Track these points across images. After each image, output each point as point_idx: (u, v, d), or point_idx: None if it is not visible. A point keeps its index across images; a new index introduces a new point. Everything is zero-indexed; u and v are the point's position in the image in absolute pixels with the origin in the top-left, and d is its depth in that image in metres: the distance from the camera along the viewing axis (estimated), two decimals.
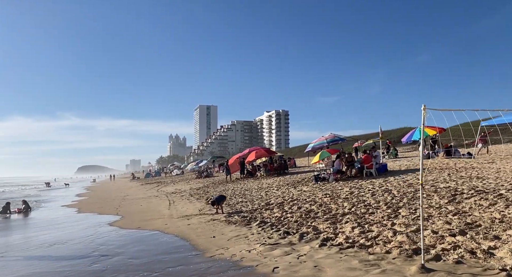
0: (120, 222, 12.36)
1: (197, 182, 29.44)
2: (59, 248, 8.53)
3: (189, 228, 9.31)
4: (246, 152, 27.79)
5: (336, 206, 9.60)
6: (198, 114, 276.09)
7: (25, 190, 49.73)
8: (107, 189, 39.23)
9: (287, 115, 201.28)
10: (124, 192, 29.81)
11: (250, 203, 12.57)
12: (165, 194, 22.08)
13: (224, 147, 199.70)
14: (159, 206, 16.17)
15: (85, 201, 25.07)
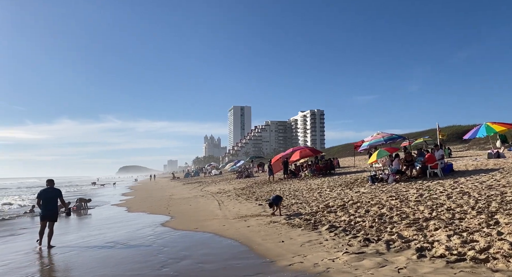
0: (173, 222, 12.14)
1: (238, 182, 29.16)
2: (122, 248, 8.33)
3: (251, 231, 8.79)
4: (289, 151, 27.08)
5: (411, 210, 8.67)
6: (232, 115, 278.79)
7: (78, 188, 52.17)
8: (150, 189, 40.11)
9: (323, 115, 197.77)
10: (168, 191, 30.17)
11: (306, 205, 11.89)
12: (210, 193, 21.93)
13: (258, 147, 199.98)
14: (208, 205, 15.90)
15: (132, 200, 25.56)
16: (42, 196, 9.46)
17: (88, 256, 7.82)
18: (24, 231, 13.04)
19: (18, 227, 14.35)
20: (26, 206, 23.40)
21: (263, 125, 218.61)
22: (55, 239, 9.46)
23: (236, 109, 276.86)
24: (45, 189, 9.68)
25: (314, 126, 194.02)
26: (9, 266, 7.45)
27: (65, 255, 8.01)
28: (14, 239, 11.50)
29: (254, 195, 17.47)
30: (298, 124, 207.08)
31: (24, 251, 9.03)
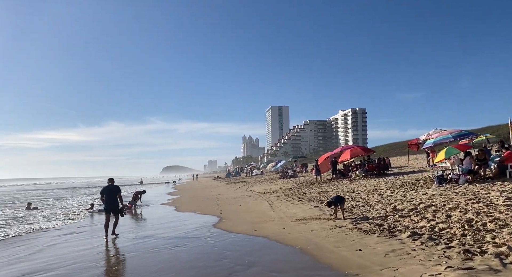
0: (227, 223, 11.68)
1: (283, 183, 28.42)
2: (182, 251, 7.93)
3: (316, 236, 8.03)
4: (338, 150, 25.89)
5: (505, 216, 7.45)
6: (270, 116, 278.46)
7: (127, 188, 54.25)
8: (194, 188, 40.56)
9: (365, 113, 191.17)
10: (214, 191, 30.14)
11: (370, 208, 10.90)
12: (257, 194, 21.40)
13: (297, 147, 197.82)
14: (259, 206, 15.34)
15: (179, 199, 25.70)
16: (105, 192, 10.70)
17: (149, 259, 7.48)
18: (83, 229, 13.24)
19: (78, 225, 14.67)
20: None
21: (302, 125, 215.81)
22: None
23: (274, 110, 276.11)
24: (107, 186, 10.86)
25: (355, 126, 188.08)
26: (71, 267, 7.30)
27: (126, 258, 7.76)
28: (74, 237, 11.62)
29: (305, 196, 16.66)
30: (339, 124, 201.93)
31: (83, 253, 8.96)
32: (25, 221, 15.88)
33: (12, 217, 18.47)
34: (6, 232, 13.07)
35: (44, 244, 10.31)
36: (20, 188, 61.22)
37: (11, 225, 15.06)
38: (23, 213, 20.10)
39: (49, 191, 48.45)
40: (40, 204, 25.92)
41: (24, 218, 17.55)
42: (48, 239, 11.43)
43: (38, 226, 14.35)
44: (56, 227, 14.04)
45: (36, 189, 55.63)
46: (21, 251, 9.33)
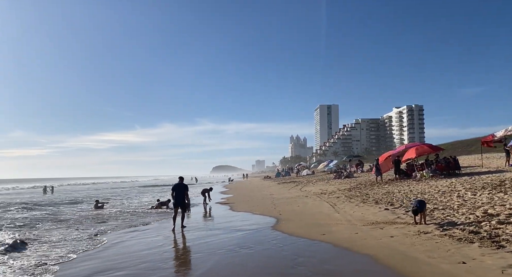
0: (288, 225, 11.03)
1: (339, 183, 27.11)
2: (249, 255, 7.42)
3: (400, 243, 7.06)
4: (401, 148, 24.05)
5: None
6: (319, 115, 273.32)
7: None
8: (246, 187, 40.53)
9: (421, 110, 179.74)
10: (266, 190, 29.71)
11: (453, 211, 9.59)
12: (313, 194, 20.49)
13: (348, 146, 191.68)
14: (319, 207, 14.49)
15: (232, 198, 25.59)
16: (175, 189, 12.08)
17: (216, 261, 7.06)
18: (148, 227, 13.34)
19: (141, 221, 14.89)
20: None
21: (353, 123, 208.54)
22: (178, 233, 10.43)
23: (323, 108, 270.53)
24: (177, 184, 12.27)
25: (411, 124, 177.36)
26: (140, 266, 7.09)
27: (193, 258, 7.42)
28: (139, 235, 11.67)
29: (369, 198, 15.45)
30: (393, 122, 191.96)
31: (150, 251, 8.80)
32: (95, 219, 16.51)
33: (81, 214, 19.44)
34: (77, 227, 13.59)
35: (112, 241, 10.41)
36: (90, 186, 65.44)
37: (81, 223, 15.73)
38: (89, 210, 21.13)
39: (116, 189, 51.25)
40: (111, 201, 27.10)
41: (90, 215, 18.35)
42: (114, 236, 11.59)
43: (106, 223, 14.80)
44: (121, 225, 14.33)
45: (105, 188, 59.12)
46: (90, 247, 9.45)
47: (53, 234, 11.70)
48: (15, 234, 11.61)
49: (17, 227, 13.61)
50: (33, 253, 8.75)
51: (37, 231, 12.48)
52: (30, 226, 14.00)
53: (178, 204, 11.95)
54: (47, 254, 8.55)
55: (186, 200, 12.17)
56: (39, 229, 13.05)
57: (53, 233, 11.96)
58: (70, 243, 10.07)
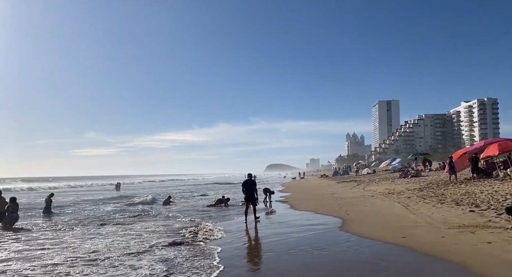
0: (359, 226, 10.31)
1: (406, 182, 25.25)
2: (323, 256, 6.96)
3: (504, 250, 6.08)
4: (478, 145, 21.69)
5: None
6: (377, 111, 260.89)
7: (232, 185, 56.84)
8: (303, 186, 39.77)
9: (496, 103, 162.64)
10: (325, 189, 28.76)
11: None
12: (380, 194, 19.24)
13: (410, 144, 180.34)
14: (389, 208, 13.47)
15: (291, 197, 25.13)
16: (245, 185, 13.08)
17: (290, 262, 6.72)
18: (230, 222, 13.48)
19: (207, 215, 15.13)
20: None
21: (415, 119, 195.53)
22: (251, 229, 10.80)
23: (382, 104, 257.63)
24: (246, 180, 13.24)
25: (483, 119, 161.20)
26: None
27: (264, 257, 7.15)
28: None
29: (446, 198, 14.02)
30: (461, 117, 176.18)
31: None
32: (183, 213, 17.17)
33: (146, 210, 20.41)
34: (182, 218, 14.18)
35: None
36: (161, 184, 68.06)
37: (157, 219, 16.43)
38: (154, 207, 22.11)
39: (181, 186, 53.42)
40: (181, 198, 28.18)
41: (175, 210, 19.16)
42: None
43: (194, 216, 15.26)
44: (186, 221, 14.65)
45: (171, 185, 61.82)
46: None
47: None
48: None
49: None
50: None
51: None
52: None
53: (248, 199, 12.91)
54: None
55: (255, 195, 13.03)
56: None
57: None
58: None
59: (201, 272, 6.12)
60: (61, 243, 9.45)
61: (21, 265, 7.05)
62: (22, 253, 8.21)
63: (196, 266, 6.53)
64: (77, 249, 8.57)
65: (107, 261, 7.14)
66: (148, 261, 6.93)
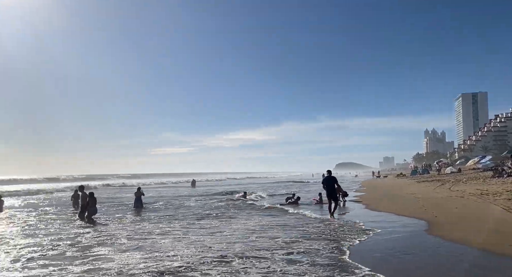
0: (451, 230, 9.17)
1: (501, 182, 22.15)
2: (417, 262, 6.23)
3: None
4: None
5: None
6: (461, 105, 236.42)
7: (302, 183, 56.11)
8: (378, 185, 37.54)
9: None
10: (405, 189, 26.65)
11: None
12: (470, 195, 17.10)
13: (501, 140, 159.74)
14: (485, 210, 11.88)
15: (366, 197, 23.78)
16: (325, 182, 13.42)
17: (377, 266, 6.12)
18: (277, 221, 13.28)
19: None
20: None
21: (509, 113, 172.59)
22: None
23: (466, 97, 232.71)
24: (327, 176, 13.59)
25: None
26: None
27: (374, 260, 6.62)
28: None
29: None
30: None
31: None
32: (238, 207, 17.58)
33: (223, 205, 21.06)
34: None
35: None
36: (231, 181, 70.15)
37: (230, 218, 16.87)
38: (225, 202, 22.74)
39: (254, 184, 54.60)
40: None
41: (229, 205, 19.65)
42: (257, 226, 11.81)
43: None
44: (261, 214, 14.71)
45: (246, 183, 62.84)
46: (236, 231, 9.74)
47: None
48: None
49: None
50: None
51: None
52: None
53: (330, 195, 13.17)
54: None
55: (338, 192, 13.48)
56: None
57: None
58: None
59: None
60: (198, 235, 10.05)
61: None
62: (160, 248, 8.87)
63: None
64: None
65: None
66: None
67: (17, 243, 9.42)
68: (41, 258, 7.48)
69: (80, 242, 9.35)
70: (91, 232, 11.02)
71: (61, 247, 8.64)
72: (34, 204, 23.41)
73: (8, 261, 7.29)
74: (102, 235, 10.36)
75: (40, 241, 9.59)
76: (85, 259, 7.28)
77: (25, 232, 11.52)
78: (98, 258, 7.33)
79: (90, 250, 8.23)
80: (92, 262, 6.97)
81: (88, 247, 8.66)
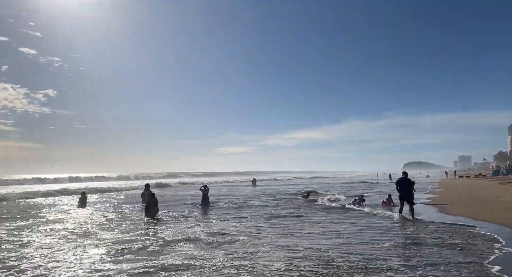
0: None
1: None
2: None
3: None
4: None
5: None
6: None
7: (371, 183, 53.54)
8: (453, 186, 34.47)
9: None
10: (486, 191, 24.12)
11: None
12: None
13: None
14: None
15: (439, 199, 21.94)
16: (400, 183, 13.17)
17: None
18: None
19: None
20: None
21: None
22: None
23: None
24: (401, 178, 13.35)
25: None
26: None
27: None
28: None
29: None
30: None
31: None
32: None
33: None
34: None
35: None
36: (302, 181, 68.01)
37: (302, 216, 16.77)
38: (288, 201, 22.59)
39: (316, 185, 54.01)
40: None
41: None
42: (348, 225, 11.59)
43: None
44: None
45: (314, 183, 62.78)
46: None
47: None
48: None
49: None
50: None
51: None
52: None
53: (402, 197, 12.90)
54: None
55: (412, 195, 13.01)
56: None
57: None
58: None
59: None
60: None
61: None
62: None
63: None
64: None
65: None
66: None
67: (102, 237, 10.37)
68: (127, 253, 8.18)
69: (162, 238, 9.96)
70: (169, 229, 11.64)
71: (143, 242, 9.35)
72: (113, 200, 25.42)
73: (98, 254, 8.10)
74: (181, 232, 10.98)
75: (123, 236, 10.46)
76: (168, 254, 7.87)
77: (107, 226, 12.62)
78: (182, 254, 7.84)
79: (172, 246, 8.82)
80: (176, 257, 7.50)
81: (170, 242, 9.28)
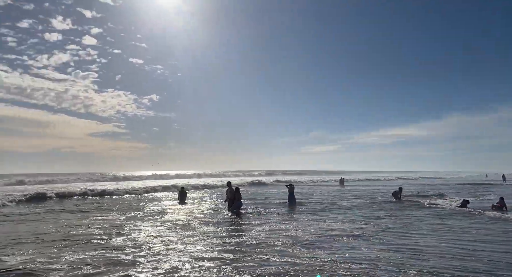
0: None
1: None
2: None
3: None
4: None
5: None
6: None
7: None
8: None
9: None
10: None
11: None
12: None
13: None
14: None
15: None
16: None
17: None
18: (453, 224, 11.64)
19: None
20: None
21: None
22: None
23: None
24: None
25: None
26: None
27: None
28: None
29: None
30: None
31: None
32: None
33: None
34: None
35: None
36: (420, 182, 62.34)
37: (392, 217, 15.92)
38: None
39: (423, 186, 49.24)
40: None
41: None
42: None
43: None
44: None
45: (422, 184, 58.01)
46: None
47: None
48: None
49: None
50: None
51: None
52: None
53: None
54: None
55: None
56: None
57: None
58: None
59: None
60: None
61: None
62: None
63: None
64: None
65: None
66: None
67: (202, 230, 11.34)
68: (225, 245, 8.88)
69: (259, 235, 10.49)
70: (264, 225, 12.22)
71: (238, 237, 10.00)
72: (209, 196, 27.22)
73: (201, 245, 8.95)
74: (273, 229, 11.42)
75: (220, 230, 11.34)
76: (263, 249, 8.29)
77: (206, 219, 13.71)
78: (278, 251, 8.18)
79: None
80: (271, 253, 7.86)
81: (267, 238, 9.75)
